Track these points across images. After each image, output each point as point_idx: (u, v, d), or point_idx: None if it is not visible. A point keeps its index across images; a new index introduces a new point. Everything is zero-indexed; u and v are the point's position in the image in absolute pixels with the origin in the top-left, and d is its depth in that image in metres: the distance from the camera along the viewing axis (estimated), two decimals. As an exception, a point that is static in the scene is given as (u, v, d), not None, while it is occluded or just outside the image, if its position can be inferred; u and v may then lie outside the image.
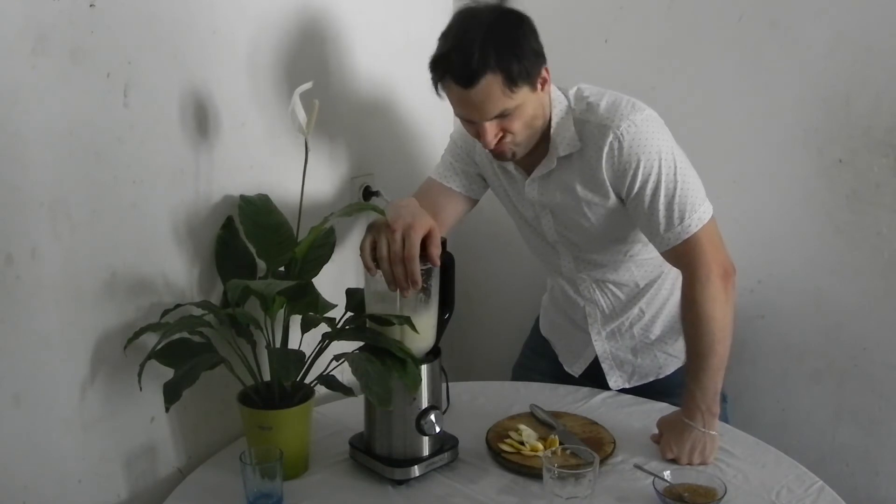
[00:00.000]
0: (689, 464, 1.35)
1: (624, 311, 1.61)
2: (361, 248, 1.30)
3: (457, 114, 1.41)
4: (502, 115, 1.35)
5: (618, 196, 1.43)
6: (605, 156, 1.39)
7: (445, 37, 1.36)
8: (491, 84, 1.31)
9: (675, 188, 1.37)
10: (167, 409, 1.22)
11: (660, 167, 1.37)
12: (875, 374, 1.65)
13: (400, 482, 1.31)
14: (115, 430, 1.31)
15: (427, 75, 1.40)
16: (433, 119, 1.95)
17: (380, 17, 1.76)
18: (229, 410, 1.43)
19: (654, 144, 1.37)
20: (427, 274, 1.30)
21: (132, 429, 1.34)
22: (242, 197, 1.45)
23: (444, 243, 1.32)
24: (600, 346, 1.65)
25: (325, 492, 1.32)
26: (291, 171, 1.47)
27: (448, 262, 1.35)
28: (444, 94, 1.39)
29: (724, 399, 1.68)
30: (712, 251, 1.38)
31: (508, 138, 1.39)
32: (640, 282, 1.58)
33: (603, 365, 1.66)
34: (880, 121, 1.55)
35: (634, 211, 1.42)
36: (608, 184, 1.42)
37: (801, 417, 1.75)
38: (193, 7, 1.35)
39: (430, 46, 1.39)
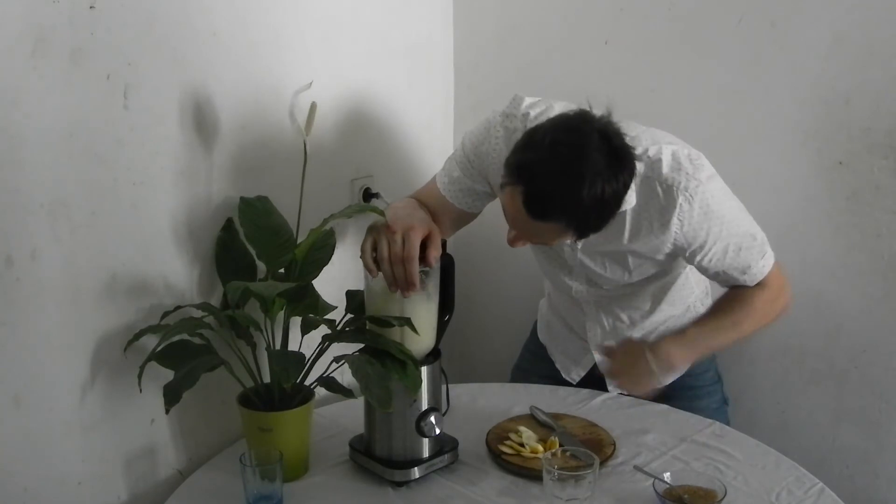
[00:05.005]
0: (622, 388, 1.37)
1: (626, 331, 1.60)
2: (362, 250, 1.30)
3: (505, 210, 1.29)
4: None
5: (676, 252, 1.40)
6: (674, 219, 1.32)
7: (540, 142, 1.20)
8: (558, 227, 1.24)
9: (741, 244, 1.38)
10: (167, 411, 1.22)
11: (730, 229, 1.36)
12: (875, 376, 1.64)
13: (400, 484, 1.31)
14: (115, 432, 1.32)
15: (427, 77, 1.40)
16: (433, 121, 1.95)
17: (380, 20, 1.76)
18: (229, 412, 1.43)
19: (722, 205, 1.35)
20: (427, 276, 1.30)
21: (132, 430, 1.35)
22: (242, 199, 1.45)
23: (444, 245, 1.32)
24: (599, 357, 1.63)
25: (324, 493, 1.32)
26: (291, 173, 1.47)
27: (448, 264, 1.35)
28: (502, 193, 1.27)
29: (724, 401, 1.68)
30: (778, 283, 1.46)
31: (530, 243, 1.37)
32: (645, 306, 1.57)
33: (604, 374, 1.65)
34: (880, 122, 1.55)
35: (702, 267, 1.41)
36: (671, 243, 1.36)
37: (801, 419, 1.75)
38: (193, 9, 1.35)
39: (430, 48, 1.39)
